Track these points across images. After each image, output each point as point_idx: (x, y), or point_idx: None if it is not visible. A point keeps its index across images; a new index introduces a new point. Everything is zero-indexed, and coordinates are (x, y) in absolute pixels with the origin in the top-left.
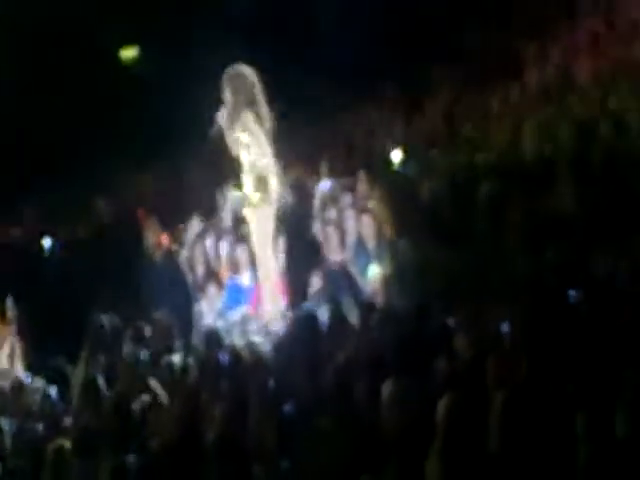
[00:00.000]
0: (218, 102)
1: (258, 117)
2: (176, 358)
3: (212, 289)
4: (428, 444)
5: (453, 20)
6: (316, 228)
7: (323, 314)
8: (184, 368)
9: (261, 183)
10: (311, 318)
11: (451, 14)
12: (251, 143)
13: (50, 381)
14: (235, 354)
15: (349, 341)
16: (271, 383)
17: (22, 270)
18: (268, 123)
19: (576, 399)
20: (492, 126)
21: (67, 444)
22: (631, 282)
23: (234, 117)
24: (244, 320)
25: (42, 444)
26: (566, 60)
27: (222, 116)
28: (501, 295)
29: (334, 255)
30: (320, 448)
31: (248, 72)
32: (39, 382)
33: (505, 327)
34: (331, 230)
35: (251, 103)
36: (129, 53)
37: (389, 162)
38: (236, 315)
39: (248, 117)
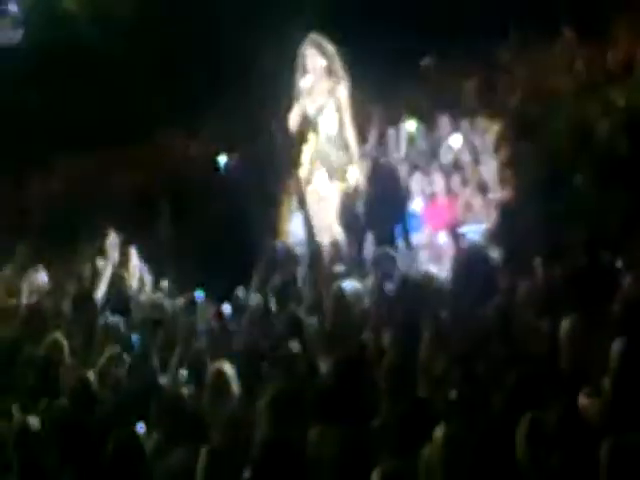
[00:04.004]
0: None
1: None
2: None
3: None
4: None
5: None
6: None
7: None
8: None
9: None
10: (484, 253)
11: None
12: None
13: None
14: (406, 281)
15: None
16: (444, 313)
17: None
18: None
19: None
20: None
21: (228, 367)
22: None
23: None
24: (416, 248)
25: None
26: None
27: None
28: None
29: None
30: (487, 381)
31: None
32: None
33: None
34: None
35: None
36: None
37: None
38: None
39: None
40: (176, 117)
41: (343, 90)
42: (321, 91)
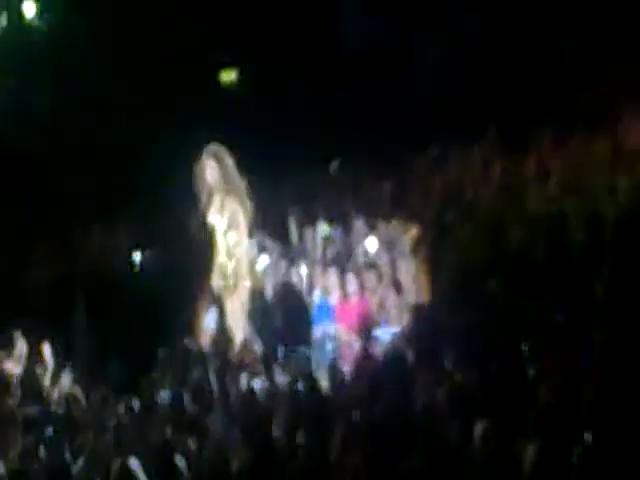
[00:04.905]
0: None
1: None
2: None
3: None
4: None
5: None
6: None
7: None
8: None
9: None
10: (400, 356)
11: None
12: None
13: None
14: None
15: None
16: (355, 415)
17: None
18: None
19: None
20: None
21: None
22: None
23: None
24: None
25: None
26: None
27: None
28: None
29: None
30: None
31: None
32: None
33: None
34: None
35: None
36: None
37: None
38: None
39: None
40: (92, 212)
41: (236, 205)
42: (217, 204)
